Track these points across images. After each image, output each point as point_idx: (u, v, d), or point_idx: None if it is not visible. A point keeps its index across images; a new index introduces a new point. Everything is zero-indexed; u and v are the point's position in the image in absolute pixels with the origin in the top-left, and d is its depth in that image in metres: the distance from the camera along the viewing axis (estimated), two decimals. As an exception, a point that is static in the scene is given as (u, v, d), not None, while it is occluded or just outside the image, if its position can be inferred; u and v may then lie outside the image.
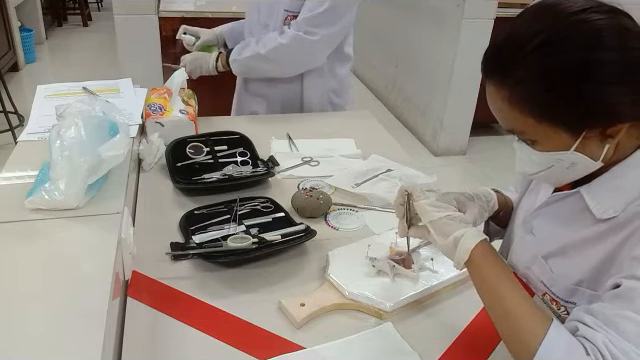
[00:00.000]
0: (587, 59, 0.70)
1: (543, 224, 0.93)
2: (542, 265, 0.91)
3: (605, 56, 0.70)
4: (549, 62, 0.72)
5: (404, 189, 0.90)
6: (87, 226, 0.91)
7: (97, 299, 0.73)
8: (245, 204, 1.19)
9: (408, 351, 0.83)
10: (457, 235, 0.80)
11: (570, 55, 0.71)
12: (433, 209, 0.85)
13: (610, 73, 0.70)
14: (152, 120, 1.42)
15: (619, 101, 0.72)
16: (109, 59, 3.19)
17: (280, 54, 1.61)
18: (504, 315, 0.74)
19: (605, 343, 0.66)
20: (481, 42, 0.79)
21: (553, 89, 0.72)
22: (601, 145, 0.76)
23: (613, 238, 0.78)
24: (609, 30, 0.71)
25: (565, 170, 0.80)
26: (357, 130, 1.66)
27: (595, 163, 0.78)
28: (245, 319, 0.88)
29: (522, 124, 0.77)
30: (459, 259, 0.80)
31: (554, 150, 0.77)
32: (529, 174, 0.85)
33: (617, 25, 0.72)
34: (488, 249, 0.79)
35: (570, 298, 0.86)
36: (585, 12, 0.72)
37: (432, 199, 0.87)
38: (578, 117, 0.74)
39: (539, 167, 0.81)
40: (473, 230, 0.81)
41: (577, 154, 0.77)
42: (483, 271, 0.78)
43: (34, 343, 0.66)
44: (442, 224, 0.83)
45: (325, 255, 1.03)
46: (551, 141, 0.77)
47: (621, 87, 0.71)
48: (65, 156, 0.94)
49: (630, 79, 0.71)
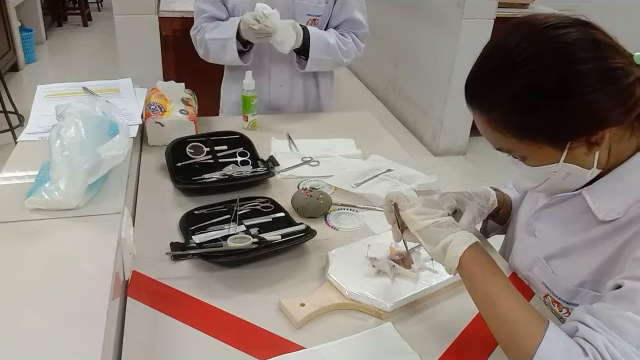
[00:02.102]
0: (560, 76, 0.71)
1: (545, 226, 0.93)
2: (544, 267, 0.91)
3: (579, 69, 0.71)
4: (519, 85, 0.73)
5: (389, 198, 0.90)
6: (87, 226, 0.91)
7: (97, 299, 0.73)
8: (245, 204, 1.19)
9: (408, 351, 0.83)
10: (445, 242, 0.80)
11: (540, 74, 0.72)
12: (419, 217, 0.85)
13: (585, 85, 0.71)
14: (152, 120, 1.43)
15: (597, 109, 0.72)
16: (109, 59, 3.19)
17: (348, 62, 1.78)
18: (499, 319, 0.74)
19: (605, 344, 0.66)
20: (481, 42, 0.80)
21: (527, 110, 0.74)
22: (589, 153, 0.77)
23: (615, 240, 0.78)
24: (580, 42, 0.72)
25: (562, 181, 0.81)
26: (357, 130, 1.66)
27: (589, 171, 0.79)
28: (245, 319, 0.88)
29: (507, 144, 0.79)
30: (449, 266, 0.80)
31: (544, 164, 0.78)
32: (530, 189, 0.88)
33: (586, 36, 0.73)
34: (479, 253, 0.79)
35: (572, 300, 0.86)
36: (552, 28, 0.73)
37: (418, 206, 0.87)
38: (558, 132, 0.75)
39: (536, 182, 0.83)
40: (462, 235, 0.81)
41: (568, 165, 0.77)
42: (474, 276, 0.78)
43: (34, 343, 0.66)
44: (429, 232, 0.83)
45: (325, 255, 1.03)
46: (538, 156, 0.78)
47: (597, 95, 0.71)
48: (65, 156, 0.94)
49: (604, 87, 0.71)
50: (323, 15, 1.67)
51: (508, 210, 1.11)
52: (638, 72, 0.72)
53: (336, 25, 1.72)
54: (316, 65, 1.69)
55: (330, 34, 1.68)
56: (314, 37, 1.63)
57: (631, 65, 0.73)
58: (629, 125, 0.77)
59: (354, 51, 1.73)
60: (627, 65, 0.72)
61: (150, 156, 1.40)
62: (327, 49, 1.66)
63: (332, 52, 1.67)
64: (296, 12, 1.62)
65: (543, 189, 0.86)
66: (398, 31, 4.24)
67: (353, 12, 1.70)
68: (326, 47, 1.65)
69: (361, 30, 1.74)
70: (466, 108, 0.82)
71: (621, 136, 0.77)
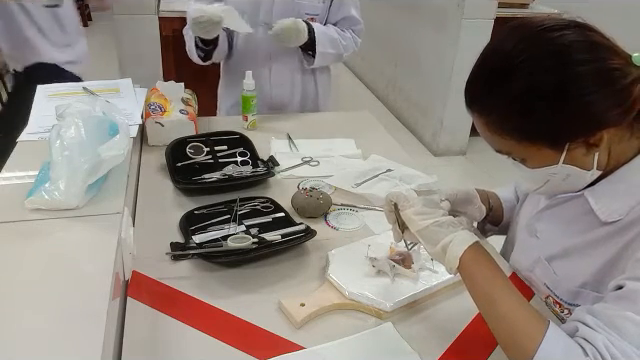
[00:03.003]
0: (557, 78, 0.71)
1: (546, 227, 0.93)
2: (545, 267, 0.91)
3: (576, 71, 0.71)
4: (517, 87, 0.73)
5: (389, 198, 0.90)
6: (87, 226, 0.91)
7: (97, 299, 0.73)
8: (245, 204, 1.19)
9: (408, 351, 0.83)
10: (445, 242, 0.80)
11: (537, 76, 0.72)
12: (419, 217, 0.84)
13: (583, 86, 0.71)
14: (152, 120, 1.43)
15: (595, 110, 0.72)
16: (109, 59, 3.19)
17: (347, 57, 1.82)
18: (499, 319, 0.74)
19: (605, 344, 0.66)
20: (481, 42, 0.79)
21: (526, 112, 0.74)
22: (588, 154, 0.77)
23: (617, 241, 0.78)
24: (577, 44, 0.72)
25: (562, 182, 0.81)
26: (357, 130, 1.66)
27: (589, 172, 0.79)
28: (245, 319, 0.88)
29: (506, 146, 0.79)
30: (449, 266, 0.80)
31: (544, 166, 0.79)
32: (532, 191, 0.88)
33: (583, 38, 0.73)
34: (479, 253, 0.79)
35: (574, 301, 0.86)
36: (548, 30, 0.73)
37: (419, 206, 0.86)
38: (557, 133, 0.75)
39: (537, 183, 0.83)
40: (462, 234, 0.81)
41: (567, 166, 0.78)
42: (474, 276, 0.78)
43: (34, 343, 0.66)
44: (429, 232, 0.83)
45: (325, 255, 1.03)
46: (537, 158, 0.78)
47: (595, 96, 0.71)
48: (65, 156, 0.94)
49: (602, 88, 0.71)
50: (321, 14, 1.70)
51: (499, 210, 1.11)
52: (636, 73, 0.72)
53: (334, 23, 1.75)
54: (322, 60, 1.71)
55: (330, 29, 1.71)
56: (319, 32, 1.66)
57: (629, 66, 0.73)
58: (628, 126, 0.76)
59: (352, 46, 1.77)
60: (625, 66, 0.72)
61: (150, 156, 1.40)
62: (332, 43, 1.70)
63: (336, 46, 1.71)
64: (295, 11, 1.64)
65: (544, 191, 0.86)
66: (398, 31, 4.24)
67: (349, 10, 1.74)
68: (331, 41, 1.69)
69: (357, 26, 1.78)
70: (466, 108, 0.82)
71: (621, 137, 0.77)
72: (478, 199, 1.00)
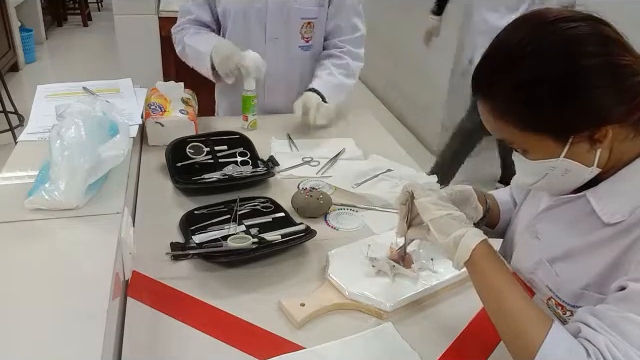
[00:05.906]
0: (565, 69, 0.71)
1: (548, 228, 0.93)
2: (547, 269, 0.90)
3: (585, 63, 0.71)
4: (524, 75, 0.73)
5: (406, 188, 0.90)
6: (87, 226, 0.91)
7: (97, 299, 0.73)
8: (245, 204, 1.19)
9: (408, 351, 0.83)
10: (458, 234, 0.80)
11: (545, 66, 0.72)
12: (434, 207, 0.84)
13: (592, 79, 0.71)
14: (152, 120, 1.43)
15: (601, 104, 0.72)
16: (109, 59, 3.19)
17: None
18: (505, 315, 0.74)
19: (607, 345, 0.66)
20: (481, 42, 0.80)
21: (531, 101, 0.74)
22: (591, 150, 0.76)
23: (620, 242, 0.78)
24: (589, 37, 0.72)
25: (560, 178, 0.81)
26: (357, 130, 1.66)
27: (589, 169, 0.78)
28: (245, 319, 0.88)
29: (509, 134, 0.79)
30: (459, 258, 0.79)
31: (545, 158, 0.78)
32: (528, 185, 0.87)
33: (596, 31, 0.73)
34: (489, 249, 0.79)
35: (576, 302, 0.85)
36: (562, 21, 0.73)
37: (434, 197, 0.86)
38: (561, 125, 0.75)
39: (535, 177, 0.83)
40: (474, 230, 0.81)
41: (568, 161, 0.77)
42: (484, 271, 0.78)
43: (34, 343, 0.66)
44: (443, 222, 0.83)
45: (325, 255, 1.03)
46: (539, 149, 0.78)
47: (601, 90, 0.71)
48: (65, 156, 0.94)
49: (609, 82, 0.71)
50: (319, 18, 1.65)
51: (495, 211, 1.10)
52: None
53: (332, 28, 1.70)
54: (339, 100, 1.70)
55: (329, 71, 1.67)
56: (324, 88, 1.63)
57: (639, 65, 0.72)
58: (633, 125, 0.76)
59: (357, 66, 1.73)
60: (635, 64, 0.72)
61: (150, 156, 1.40)
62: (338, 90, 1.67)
63: (344, 89, 1.70)
64: (290, 16, 1.60)
65: (540, 186, 0.85)
66: (398, 31, 4.24)
67: (349, 16, 1.68)
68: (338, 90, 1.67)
69: (356, 34, 1.72)
70: (466, 108, 0.82)
71: (625, 136, 0.77)
72: (475, 198, 0.99)
